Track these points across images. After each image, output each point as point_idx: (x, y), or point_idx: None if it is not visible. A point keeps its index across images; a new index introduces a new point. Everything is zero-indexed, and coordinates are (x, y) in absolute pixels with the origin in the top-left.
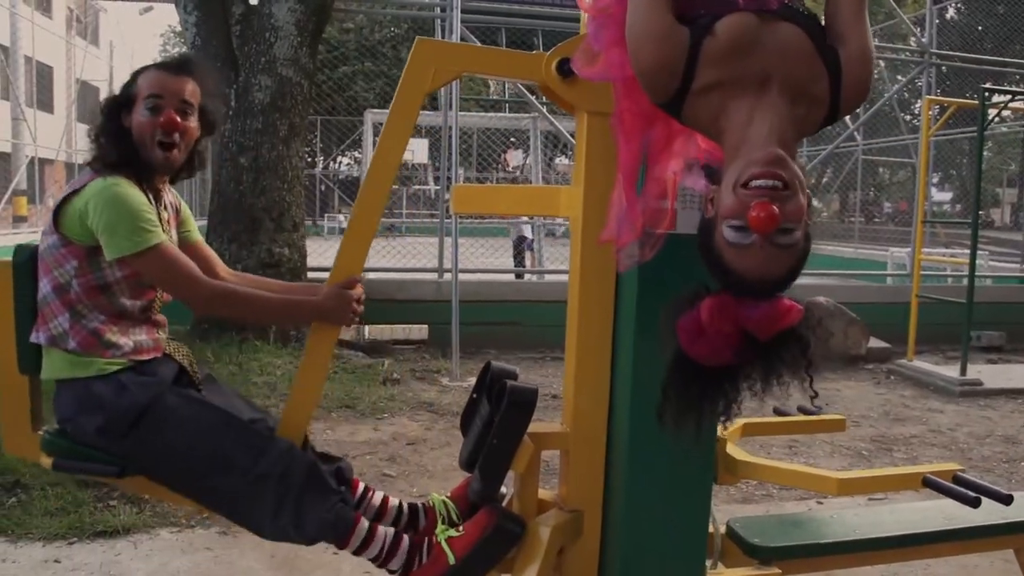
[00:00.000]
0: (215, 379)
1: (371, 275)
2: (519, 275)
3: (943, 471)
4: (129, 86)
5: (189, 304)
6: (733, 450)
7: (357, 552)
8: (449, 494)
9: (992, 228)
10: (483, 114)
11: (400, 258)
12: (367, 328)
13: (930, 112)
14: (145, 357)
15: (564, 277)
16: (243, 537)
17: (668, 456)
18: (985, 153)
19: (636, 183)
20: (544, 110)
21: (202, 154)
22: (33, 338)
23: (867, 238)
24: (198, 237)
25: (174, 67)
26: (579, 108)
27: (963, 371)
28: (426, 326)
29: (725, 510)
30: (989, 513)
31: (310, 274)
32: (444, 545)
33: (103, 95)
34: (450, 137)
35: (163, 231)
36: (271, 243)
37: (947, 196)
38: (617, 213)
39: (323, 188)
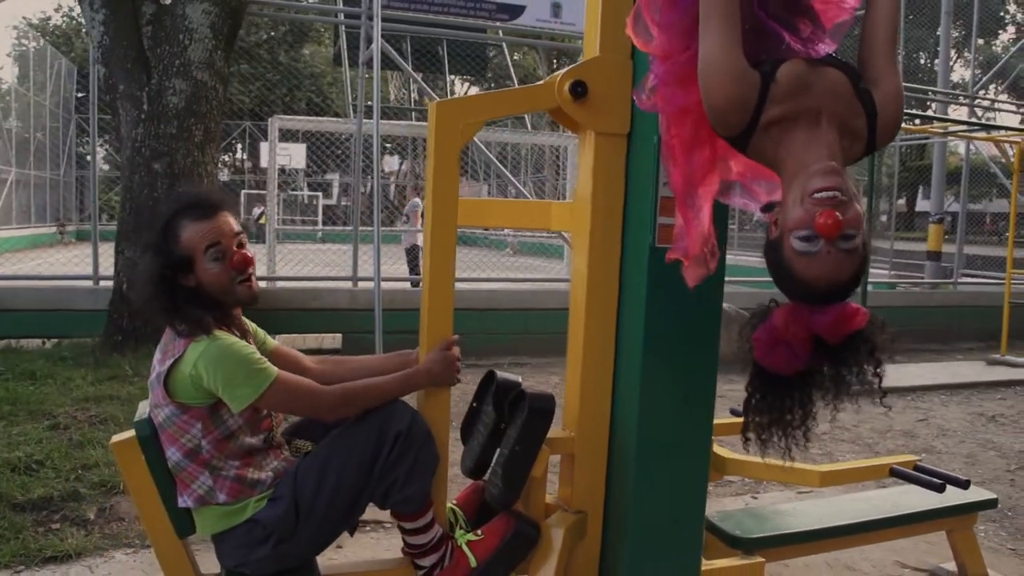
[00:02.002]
0: None
1: (279, 284)
2: (415, 284)
3: (905, 461)
4: (171, 251)
5: (316, 417)
6: (718, 449)
7: (417, 532)
8: (455, 501)
9: None
10: (394, 122)
11: (299, 266)
12: (277, 337)
13: None
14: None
15: (466, 285)
16: (206, 553)
17: (669, 457)
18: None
19: (690, 204)
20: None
21: None
22: (181, 503)
23: (748, 246)
24: (274, 344)
25: (210, 211)
26: (587, 128)
27: None
28: (340, 335)
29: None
30: (926, 499)
31: None
32: (465, 549)
33: None
34: (367, 145)
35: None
36: None
37: None
38: (679, 233)
39: None
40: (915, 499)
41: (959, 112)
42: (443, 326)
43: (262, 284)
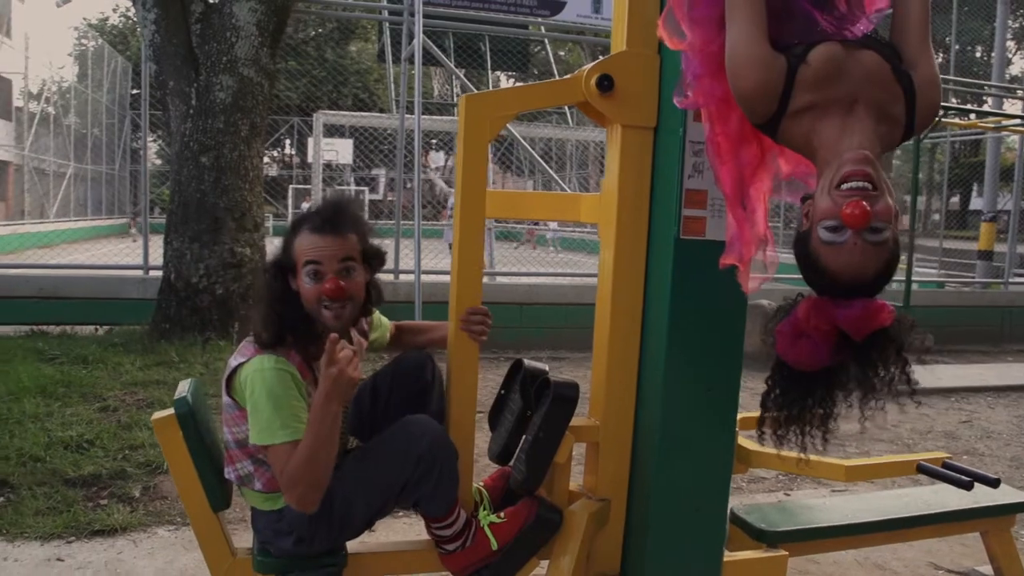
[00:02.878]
0: None
1: None
2: None
3: (933, 459)
4: (288, 249)
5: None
6: (744, 441)
7: (442, 528)
8: (483, 483)
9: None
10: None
11: None
12: None
13: None
14: None
15: (511, 280)
16: (243, 534)
17: (694, 448)
18: (895, 162)
19: (741, 203)
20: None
21: (378, 288)
22: (227, 474)
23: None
24: (388, 328)
25: (328, 226)
26: (615, 121)
27: None
28: None
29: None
30: (960, 499)
31: None
32: (487, 531)
33: (17, 88)
34: (409, 140)
35: (302, 418)
36: (233, 243)
37: None
38: (732, 235)
39: None
40: (949, 498)
41: (1016, 107)
42: (471, 298)
43: None
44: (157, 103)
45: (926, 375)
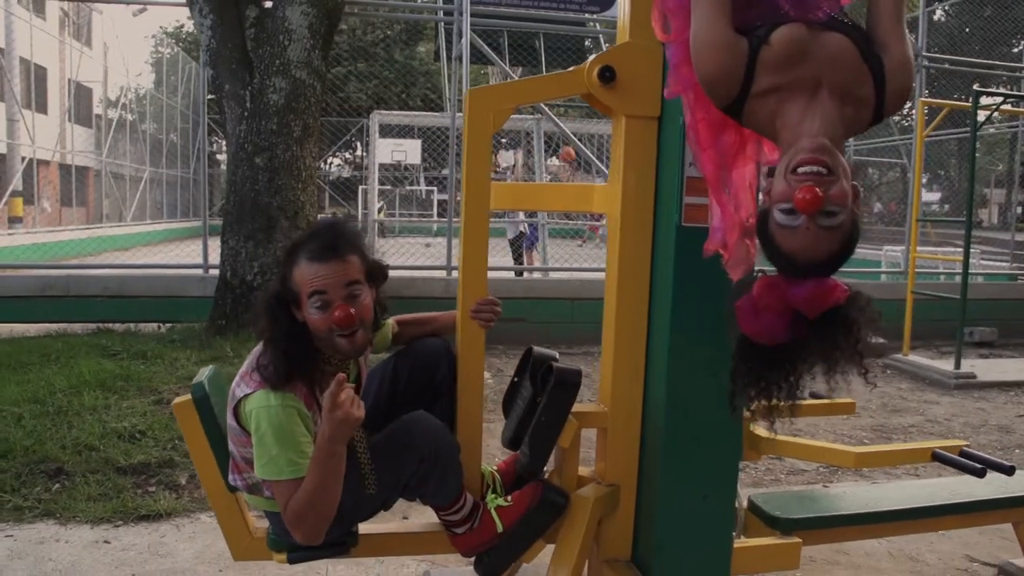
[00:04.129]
0: None
1: None
2: (519, 273)
3: (951, 447)
4: (287, 280)
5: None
6: (757, 429)
7: (455, 512)
8: (496, 467)
9: (980, 228)
10: None
11: (401, 257)
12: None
13: (923, 113)
14: None
15: (565, 275)
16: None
17: (700, 433)
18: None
19: (723, 189)
20: (549, 111)
21: (383, 301)
22: (231, 481)
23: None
24: (390, 332)
25: (327, 253)
26: (618, 112)
27: (957, 365)
28: None
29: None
30: (990, 488)
31: None
32: (493, 513)
33: (97, 96)
34: (458, 138)
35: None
36: (286, 241)
37: (935, 196)
38: (715, 221)
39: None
40: (976, 488)
41: None
42: (477, 289)
43: None
44: (215, 106)
45: (987, 368)
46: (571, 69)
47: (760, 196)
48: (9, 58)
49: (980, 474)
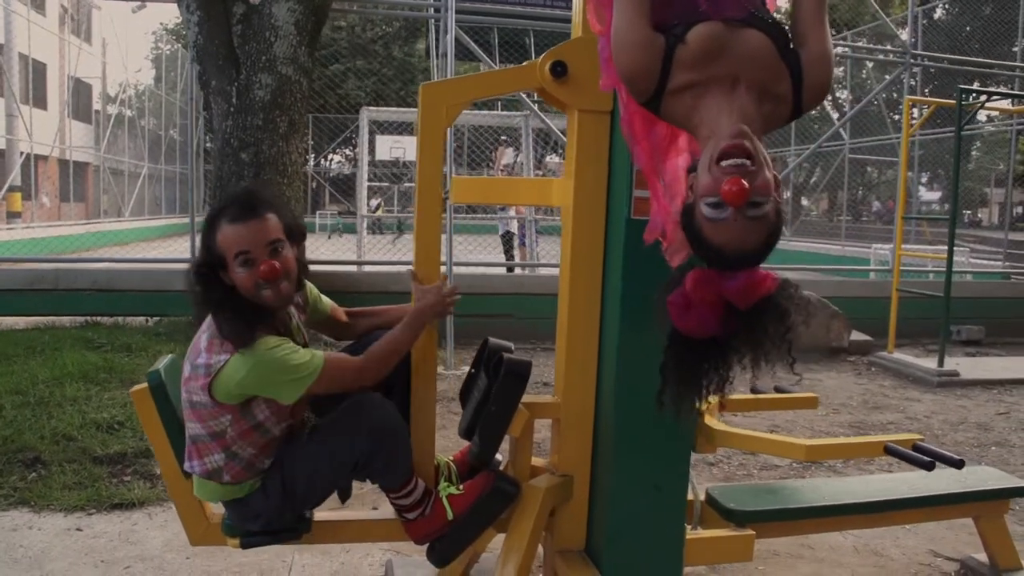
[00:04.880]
0: None
1: (367, 268)
2: (510, 268)
3: (905, 440)
4: (211, 248)
5: (360, 387)
6: (711, 421)
7: (401, 497)
8: (452, 457)
9: (980, 227)
10: (475, 112)
11: (392, 253)
12: None
13: (917, 111)
14: None
15: (556, 271)
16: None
17: (651, 425)
18: (974, 153)
19: (660, 179)
20: (536, 108)
21: (303, 263)
22: (187, 467)
23: (853, 236)
24: (328, 305)
25: (246, 214)
26: (571, 106)
27: (941, 362)
28: None
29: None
30: (949, 483)
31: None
32: (444, 501)
33: (96, 92)
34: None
35: (304, 348)
36: None
37: (936, 195)
38: (654, 211)
39: (314, 185)
40: (936, 483)
41: None
42: (431, 274)
43: (351, 268)
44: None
45: (972, 366)
46: (524, 64)
47: (686, 191)
48: (8, 54)
49: (928, 467)
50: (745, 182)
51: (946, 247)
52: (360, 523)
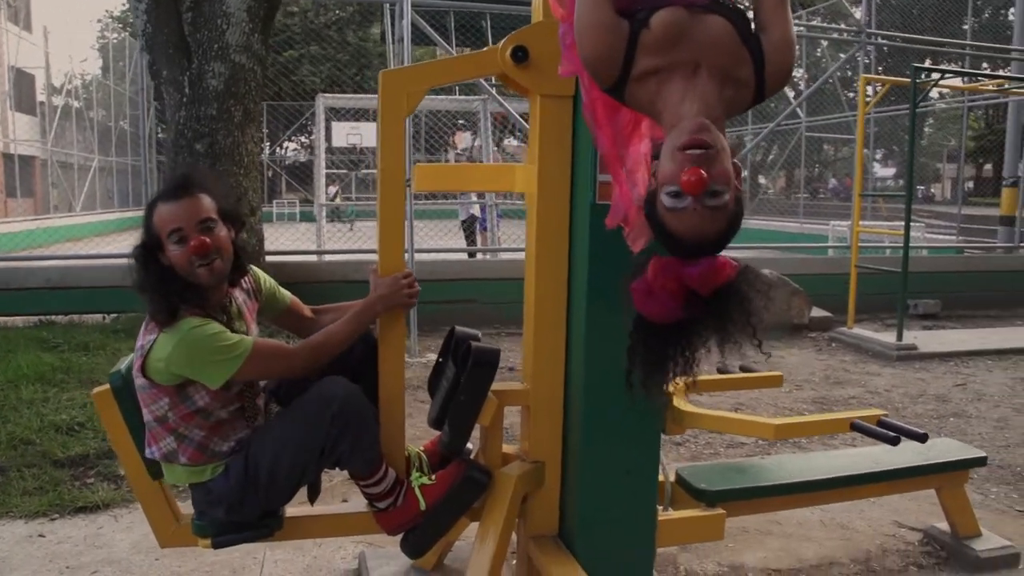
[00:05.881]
0: None
1: (327, 257)
2: (471, 254)
3: (870, 416)
4: (149, 228)
5: (292, 376)
6: (679, 403)
7: (371, 485)
8: (423, 447)
9: (933, 202)
10: (433, 96)
11: (349, 241)
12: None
13: (872, 89)
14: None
15: (518, 255)
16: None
17: (619, 410)
18: (927, 129)
19: (621, 166)
20: (494, 92)
21: (244, 248)
22: (148, 454)
23: (811, 213)
24: (288, 298)
25: (177, 193)
26: (533, 91)
27: (899, 337)
28: None
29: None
30: (911, 456)
31: (268, 258)
32: (417, 491)
33: (39, 82)
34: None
35: (240, 334)
36: None
37: (890, 172)
38: (616, 197)
39: (271, 174)
40: (899, 456)
41: None
42: (393, 263)
43: (312, 258)
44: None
45: (929, 340)
46: (485, 49)
47: (650, 179)
48: None
49: (894, 442)
50: (704, 172)
51: (902, 223)
52: (332, 517)
